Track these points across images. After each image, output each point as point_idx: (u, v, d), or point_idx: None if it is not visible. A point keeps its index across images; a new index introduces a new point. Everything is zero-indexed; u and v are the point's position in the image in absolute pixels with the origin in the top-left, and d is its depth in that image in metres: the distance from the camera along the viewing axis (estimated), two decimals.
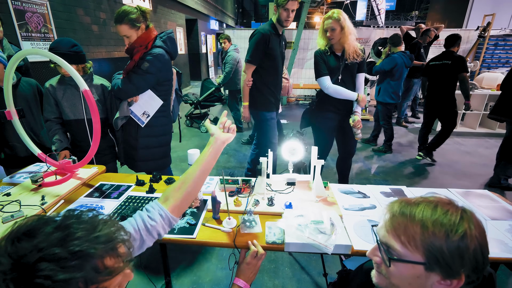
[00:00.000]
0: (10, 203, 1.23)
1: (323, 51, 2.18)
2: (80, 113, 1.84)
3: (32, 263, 0.42)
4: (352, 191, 1.43)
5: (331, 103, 2.25)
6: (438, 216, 0.56)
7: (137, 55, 1.71)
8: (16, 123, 1.49)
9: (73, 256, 0.44)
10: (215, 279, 1.85)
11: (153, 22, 7.33)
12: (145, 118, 1.85)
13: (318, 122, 2.37)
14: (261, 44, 2.22)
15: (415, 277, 0.58)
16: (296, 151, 1.45)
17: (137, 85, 1.73)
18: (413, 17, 19.74)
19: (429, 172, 3.50)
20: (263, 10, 21.15)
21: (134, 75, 1.71)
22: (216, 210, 1.18)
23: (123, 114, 1.81)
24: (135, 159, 1.91)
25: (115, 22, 1.69)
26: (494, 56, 6.52)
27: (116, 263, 0.50)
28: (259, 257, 1.00)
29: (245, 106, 2.45)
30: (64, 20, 4.32)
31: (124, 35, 1.70)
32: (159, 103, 1.87)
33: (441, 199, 0.60)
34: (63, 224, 0.48)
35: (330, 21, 2.04)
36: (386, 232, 0.61)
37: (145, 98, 1.83)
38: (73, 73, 1.28)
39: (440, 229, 0.55)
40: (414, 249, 0.57)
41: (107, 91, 1.93)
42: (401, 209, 0.60)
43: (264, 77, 2.37)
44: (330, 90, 2.17)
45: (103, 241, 0.48)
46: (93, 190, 1.43)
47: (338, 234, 1.05)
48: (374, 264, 0.67)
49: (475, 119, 4.98)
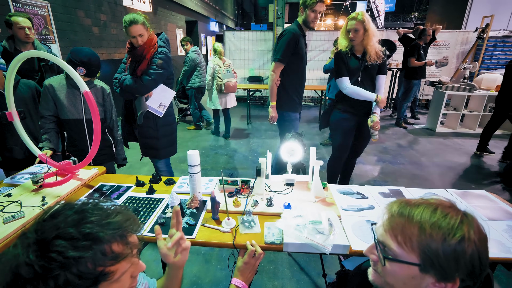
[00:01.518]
0: (11, 204, 1.24)
1: (344, 52, 2.17)
2: (79, 113, 1.85)
3: (50, 239, 0.48)
4: (351, 192, 1.44)
5: (349, 104, 2.25)
6: (437, 218, 0.56)
7: (148, 54, 1.97)
8: (17, 124, 1.50)
9: (84, 237, 0.50)
10: (215, 280, 1.86)
11: (153, 23, 7.37)
12: (162, 109, 2.12)
13: (336, 123, 2.37)
14: (292, 44, 2.22)
15: (410, 277, 0.58)
16: (295, 152, 1.46)
17: (156, 80, 2.01)
18: (412, 18, 19.78)
19: (428, 172, 3.51)
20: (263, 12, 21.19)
21: (152, 72, 1.98)
22: (215, 211, 1.19)
23: (144, 109, 2.05)
24: (158, 148, 2.19)
25: (130, 24, 1.86)
26: (493, 57, 6.53)
27: (123, 250, 0.54)
28: (257, 257, 1.00)
29: (273, 106, 2.40)
30: (64, 22, 4.34)
31: (139, 34, 1.89)
32: (172, 93, 2.15)
33: (442, 202, 0.60)
34: (81, 209, 0.54)
35: (354, 22, 2.03)
36: (384, 231, 0.62)
37: (158, 91, 2.09)
38: (74, 76, 1.29)
39: (438, 232, 0.55)
40: (410, 250, 0.57)
41: (106, 93, 1.96)
42: (400, 209, 0.61)
43: (291, 77, 2.36)
44: (348, 91, 2.17)
45: (113, 228, 0.53)
46: (93, 191, 1.44)
47: (336, 234, 1.06)
48: (371, 262, 0.68)
49: (475, 120, 4.99)
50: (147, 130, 2.15)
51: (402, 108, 5.42)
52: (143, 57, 1.97)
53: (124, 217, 0.57)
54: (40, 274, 0.47)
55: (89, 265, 0.49)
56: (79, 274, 0.48)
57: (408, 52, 5.05)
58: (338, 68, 2.20)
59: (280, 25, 6.42)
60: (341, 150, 2.43)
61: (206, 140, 4.67)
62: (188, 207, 1.27)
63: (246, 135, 4.94)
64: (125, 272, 0.55)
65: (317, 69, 7.22)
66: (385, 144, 4.45)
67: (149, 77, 1.97)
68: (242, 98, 7.09)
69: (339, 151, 2.45)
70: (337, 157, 2.49)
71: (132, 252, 0.56)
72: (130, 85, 1.99)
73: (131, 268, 0.57)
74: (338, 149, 2.44)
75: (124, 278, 0.56)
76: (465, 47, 6.64)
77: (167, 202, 1.32)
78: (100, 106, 1.93)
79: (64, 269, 0.47)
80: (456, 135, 4.93)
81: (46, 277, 0.47)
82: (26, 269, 0.47)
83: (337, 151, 2.46)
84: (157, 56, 1.98)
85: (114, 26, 5.61)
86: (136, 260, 0.58)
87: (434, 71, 6.83)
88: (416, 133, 5.06)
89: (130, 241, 0.56)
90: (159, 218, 1.17)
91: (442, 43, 6.69)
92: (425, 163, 3.78)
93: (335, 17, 17.95)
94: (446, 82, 5.33)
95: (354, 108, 2.25)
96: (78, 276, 0.48)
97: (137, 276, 0.60)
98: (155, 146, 2.19)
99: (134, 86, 1.98)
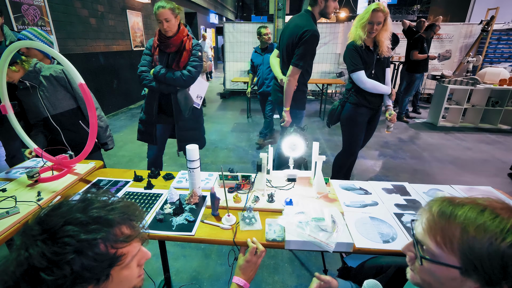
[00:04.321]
0: (5, 199, 1.21)
1: (359, 45, 2.08)
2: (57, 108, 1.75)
3: (59, 227, 0.48)
4: (354, 188, 1.41)
5: (365, 98, 2.19)
6: (484, 221, 0.51)
7: (188, 45, 2.00)
8: (11, 117, 1.46)
9: (94, 221, 0.51)
10: (215, 275, 1.85)
11: (152, 15, 7.25)
12: (199, 100, 2.21)
13: (351, 118, 2.29)
14: (315, 47, 2.06)
15: (449, 279, 0.55)
16: (297, 147, 1.42)
17: (199, 71, 2.06)
18: (414, 11, 19.52)
19: (430, 168, 3.48)
20: (264, 3, 20.87)
21: (197, 64, 2.03)
22: (215, 207, 1.16)
23: (192, 103, 2.13)
24: (199, 137, 2.32)
25: (158, 8, 1.89)
26: (497, 50, 6.44)
27: (132, 233, 0.56)
28: (259, 255, 0.98)
29: (287, 111, 2.26)
30: (61, 13, 4.26)
31: (165, 18, 1.89)
32: (207, 84, 2.21)
33: (492, 203, 0.55)
34: (83, 198, 0.56)
35: (381, 14, 1.94)
36: (423, 230, 0.59)
37: (196, 83, 2.12)
38: (69, 67, 1.25)
39: (484, 235, 0.50)
40: (450, 252, 0.53)
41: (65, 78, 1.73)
42: (442, 208, 0.57)
43: (305, 76, 2.27)
44: (367, 85, 2.11)
45: (119, 212, 0.55)
46: (90, 185, 1.41)
47: (339, 231, 1.03)
48: (407, 258, 0.65)
49: (477, 114, 4.95)
50: (187, 122, 2.20)
51: (403, 102, 5.36)
52: (183, 48, 1.99)
53: (126, 204, 0.58)
54: (53, 261, 0.46)
55: (102, 247, 0.50)
56: (94, 257, 0.48)
57: (411, 45, 4.98)
58: (354, 61, 2.10)
59: (281, 16, 6.31)
60: (355, 145, 2.37)
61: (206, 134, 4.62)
62: (187, 202, 1.24)
63: (246, 129, 4.89)
64: (135, 256, 0.56)
65: (318, 62, 7.13)
66: (386, 139, 4.41)
67: (195, 69, 2.02)
68: (242, 91, 7.01)
69: (354, 147, 2.38)
70: (349, 153, 2.43)
71: (139, 235, 0.58)
72: (176, 78, 1.99)
73: (139, 254, 0.58)
74: (353, 144, 2.38)
75: (133, 264, 0.56)
76: (468, 40, 6.54)
77: (165, 197, 1.29)
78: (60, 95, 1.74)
79: (78, 253, 0.47)
80: (458, 129, 4.89)
81: (60, 263, 0.46)
82: (38, 258, 0.46)
83: (351, 147, 2.40)
84: (196, 48, 2.03)
85: (112, 17, 5.51)
86: (142, 247, 0.60)
87: (437, 64, 6.74)
88: (418, 128, 5.02)
89: (135, 225, 0.57)
90: (157, 214, 1.14)
91: (445, 36, 6.58)
92: (427, 158, 3.75)
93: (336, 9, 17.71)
94: (449, 76, 5.27)
95: (369, 101, 2.20)
96: (93, 259, 0.48)
97: (143, 265, 0.60)
98: (197, 136, 2.29)
99: (181, 78, 2.00)
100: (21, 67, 1.60)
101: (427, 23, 5.02)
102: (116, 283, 0.53)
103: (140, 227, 0.59)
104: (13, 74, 1.58)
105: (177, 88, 2.06)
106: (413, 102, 5.94)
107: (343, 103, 2.34)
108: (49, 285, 0.46)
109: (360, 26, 2.04)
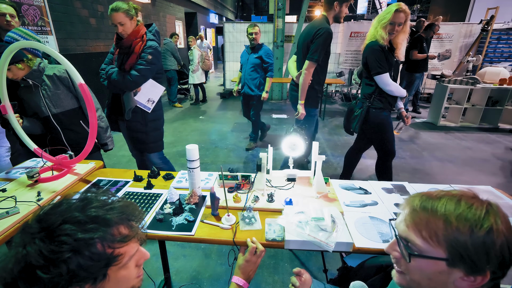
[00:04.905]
0: (5, 199, 1.21)
1: (384, 46, 2.00)
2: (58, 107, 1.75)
3: (57, 225, 0.49)
4: (353, 187, 1.41)
5: (388, 101, 2.15)
6: (462, 210, 0.53)
7: (137, 48, 1.90)
8: (11, 117, 1.46)
9: (92, 220, 0.51)
10: (215, 275, 1.85)
11: (152, 15, 7.25)
12: (151, 104, 2.09)
13: (383, 123, 2.20)
14: (328, 43, 2.20)
15: (437, 273, 0.56)
16: (296, 147, 1.42)
17: (145, 76, 1.97)
18: (414, 10, 19.50)
19: (430, 167, 3.48)
20: (263, 3, 20.86)
21: (142, 67, 1.92)
22: (215, 207, 1.16)
23: (133, 105, 2.02)
24: (147, 142, 2.18)
25: (111, 11, 1.83)
26: (496, 50, 6.44)
27: (129, 233, 0.56)
28: (258, 254, 0.98)
29: (302, 104, 2.39)
30: (61, 13, 4.26)
31: (119, 22, 1.84)
32: (162, 89, 2.11)
33: (465, 192, 0.58)
34: (82, 197, 0.56)
35: (402, 15, 1.88)
36: (406, 226, 0.59)
37: (147, 86, 2.04)
38: (69, 67, 1.25)
39: (465, 224, 0.52)
40: (436, 245, 0.55)
41: (68, 78, 1.74)
42: (422, 203, 0.58)
43: (320, 75, 2.37)
44: (392, 88, 2.06)
45: (117, 212, 0.55)
46: (90, 185, 1.41)
47: (339, 231, 1.03)
48: (392, 259, 0.65)
49: (477, 114, 4.95)
50: (135, 124, 2.11)
51: None
52: (132, 50, 1.90)
53: (125, 203, 0.58)
54: (50, 259, 0.46)
55: (99, 246, 0.50)
56: (91, 256, 0.48)
57: (411, 45, 4.98)
58: (381, 63, 2.00)
59: (281, 16, 6.31)
60: (392, 145, 2.28)
61: (206, 134, 4.63)
62: (187, 202, 1.24)
63: (246, 129, 4.89)
64: (132, 256, 0.56)
65: None
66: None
67: (137, 73, 1.91)
68: None
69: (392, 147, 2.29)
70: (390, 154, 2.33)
71: (137, 235, 0.58)
72: (117, 80, 1.93)
73: (137, 255, 0.58)
74: (390, 146, 2.28)
75: (131, 264, 0.56)
76: (468, 40, 6.54)
77: (165, 197, 1.29)
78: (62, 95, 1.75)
79: (75, 252, 0.47)
80: (458, 129, 4.89)
81: (57, 262, 0.46)
82: (35, 256, 0.46)
83: (389, 148, 2.30)
84: (147, 51, 1.92)
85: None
86: (141, 248, 0.60)
87: (437, 64, 6.74)
88: (418, 127, 5.02)
89: (133, 225, 0.58)
90: (157, 214, 1.14)
91: (445, 36, 6.58)
92: (427, 157, 3.75)
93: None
94: (449, 75, 5.26)
95: (391, 104, 2.17)
96: (89, 258, 0.48)
97: (141, 265, 0.60)
98: (144, 140, 2.17)
99: (122, 81, 1.93)
100: (26, 65, 1.61)
101: (427, 23, 5.02)
102: (114, 283, 0.53)
103: (139, 228, 0.59)
104: (18, 71, 1.58)
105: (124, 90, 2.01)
106: (413, 102, 5.94)
107: (366, 108, 2.21)
108: (46, 283, 0.46)
109: (381, 27, 1.96)
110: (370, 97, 2.19)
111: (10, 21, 2.07)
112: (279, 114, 5.87)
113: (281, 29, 6.41)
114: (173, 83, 6.37)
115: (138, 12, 1.94)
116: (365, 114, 2.22)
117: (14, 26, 2.14)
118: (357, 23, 6.77)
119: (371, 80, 2.15)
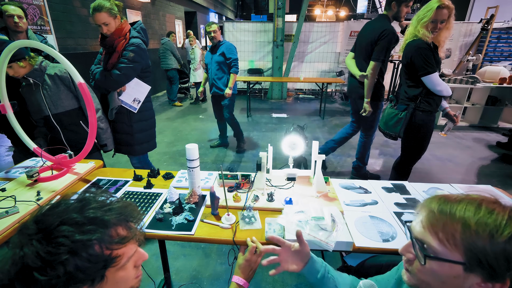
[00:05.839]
0: (5, 199, 1.21)
1: (430, 44, 1.88)
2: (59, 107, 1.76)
3: (54, 227, 0.48)
4: (353, 186, 1.41)
5: (436, 102, 2.01)
6: (483, 215, 0.52)
7: (119, 46, 1.84)
8: (11, 116, 1.45)
9: (89, 221, 0.50)
10: (215, 274, 1.85)
11: (152, 14, 7.23)
12: (137, 104, 2.02)
13: (428, 126, 2.06)
14: (393, 43, 2.33)
15: (451, 277, 0.54)
16: (296, 146, 1.42)
17: (127, 75, 1.89)
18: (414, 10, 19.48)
19: (429, 166, 3.48)
20: (263, 2, 20.82)
21: (123, 66, 1.85)
22: (214, 206, 1.16)
23: (116, 104, 1.95)
24: (132, 143, 2.08)
25: (93, 11, 1.75)
26: (496, 49, 6.43)
27: (128, 234, 0.55)
28: (258, 254, 0.98)
29: (368, 101, 2.54)
30: (60, 12, 4.25)
31: (103, 22, 1.77)
32: (148, 88, 2.05)
33: (486, 197, 0.56)
34: (81, 198, 0.55)
35: (445, 12, 1.77)
36: (422, 228, 0.58)
37: (132, 86, 1.98)
38: (68, 67, 1.24)
39: (484, 229, 0.50)
40: (453, 248, 0.53)
41: (69, 78, 1.75)
42: (440, 205, 0.57)
43: (383, 71, 2.51)
44: (442, 87, 1.91)
45: (116, 213, 0.54)
46: (89, 185, 1.41)
47: (339, 230, 1.03)
48: (404, 260, 0.64)
49: (477, 113, 4.95)
50: (120, 125, 2.04)
51: None
52: (114, 49, 1.84)
53: (124, 204, 0.58)
54: (47, 261, 0.46)
55: (97, 248, 0.49)
56: (88, 258, 0.48)
57: None
58: (430, 62, 1.85)
59: (281, 15, 6.30)
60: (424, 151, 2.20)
61: (206, 133, 4.63)
62: (187, 202, 1.24)
63: (246, 128, 4.89)
64: (130, 258, 0.56)
65: (318, 61, 7.13)
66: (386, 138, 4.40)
67: (118, 72, 1.84)
68: (242, 90, 7.00)
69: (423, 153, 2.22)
70: (416, 159, 2.30)
71: (136, 236, 0.57)
72: (100, 80, 1.88)
73: (135, 255, 0.57)
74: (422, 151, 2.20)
75: (129, 265, 0.56)
76: (468, 39, 6.53)
77: (165, 197, 1.29)
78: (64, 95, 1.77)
79: (72, 254, 0.47)
80: (457, 128, 4.88)
81: (54, 263, 0.46)
82: (32, 257, 0.45)
83: (420, 153, 2.23)
84: (128, 49, 1.84)
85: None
86: (139, 248, 0.60)
87: None
88: None
89: (132, 226, 0.57)
90: (157, 214, 1.14)
91: None
92: (426, 157, 3.74)
93: (336, 8, 17.66)
94: (449, 74, 5.26)
95: (438, 106, 2.04)
96: (87, 260, 0.48)
97: (140, 266, 0.60)
98: (129, 142, 2.08)
99: (104, 81, 1.87)
100: (28, 63, 1.61)
101: None
102: (112, 284, 0.53)
103: (137, 228, 0.59)
104: (19, 69, 1.59)
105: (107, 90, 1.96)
106: None
107: (412, 111, 2.04)
108: (43, 285, 0.46)
109: (422, 26, 1.84)
110: (416, 99, 2.01)
111: (18, 22, 2.09)
112: (279, 113, 5.86)
113: (281, 28, 6.40)
114: (174, 82, 6.37)
115: (120, 10, 1.87)
116: (410, 117, 2.05)
117: (22, 27, 2.14)
118: (357, 22, 6.76)
119: (415, 81, 1.99)
